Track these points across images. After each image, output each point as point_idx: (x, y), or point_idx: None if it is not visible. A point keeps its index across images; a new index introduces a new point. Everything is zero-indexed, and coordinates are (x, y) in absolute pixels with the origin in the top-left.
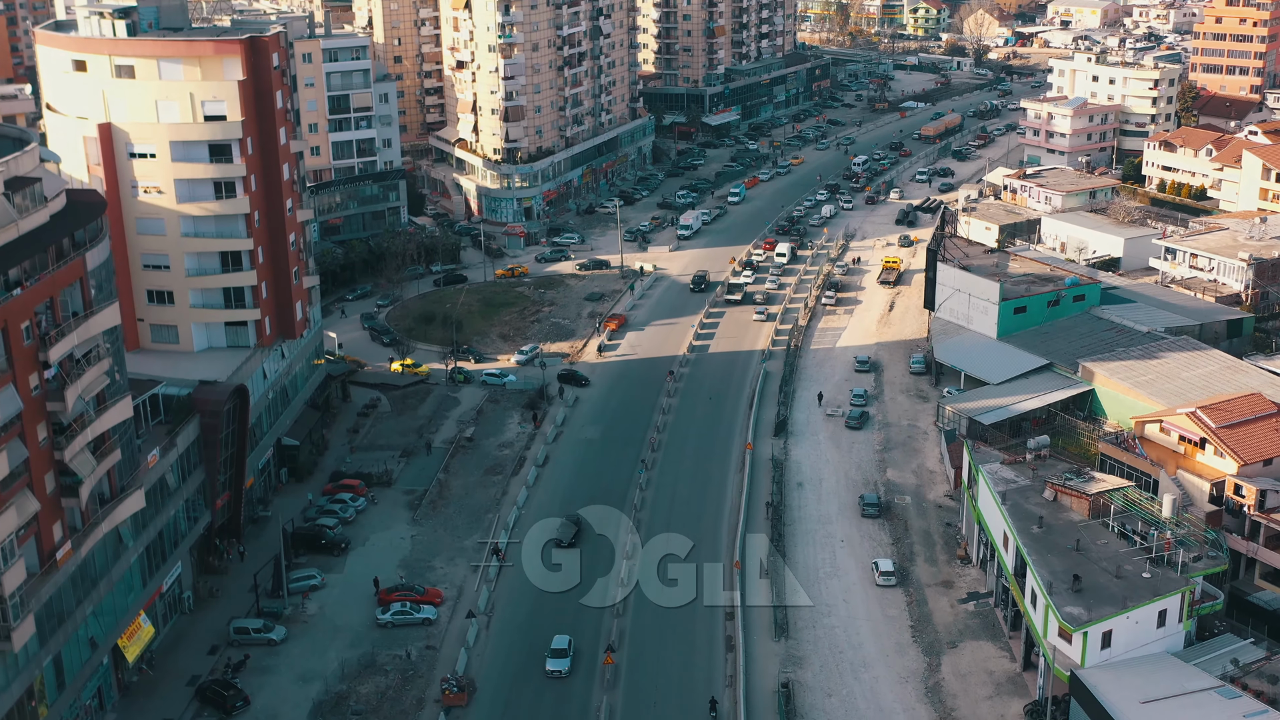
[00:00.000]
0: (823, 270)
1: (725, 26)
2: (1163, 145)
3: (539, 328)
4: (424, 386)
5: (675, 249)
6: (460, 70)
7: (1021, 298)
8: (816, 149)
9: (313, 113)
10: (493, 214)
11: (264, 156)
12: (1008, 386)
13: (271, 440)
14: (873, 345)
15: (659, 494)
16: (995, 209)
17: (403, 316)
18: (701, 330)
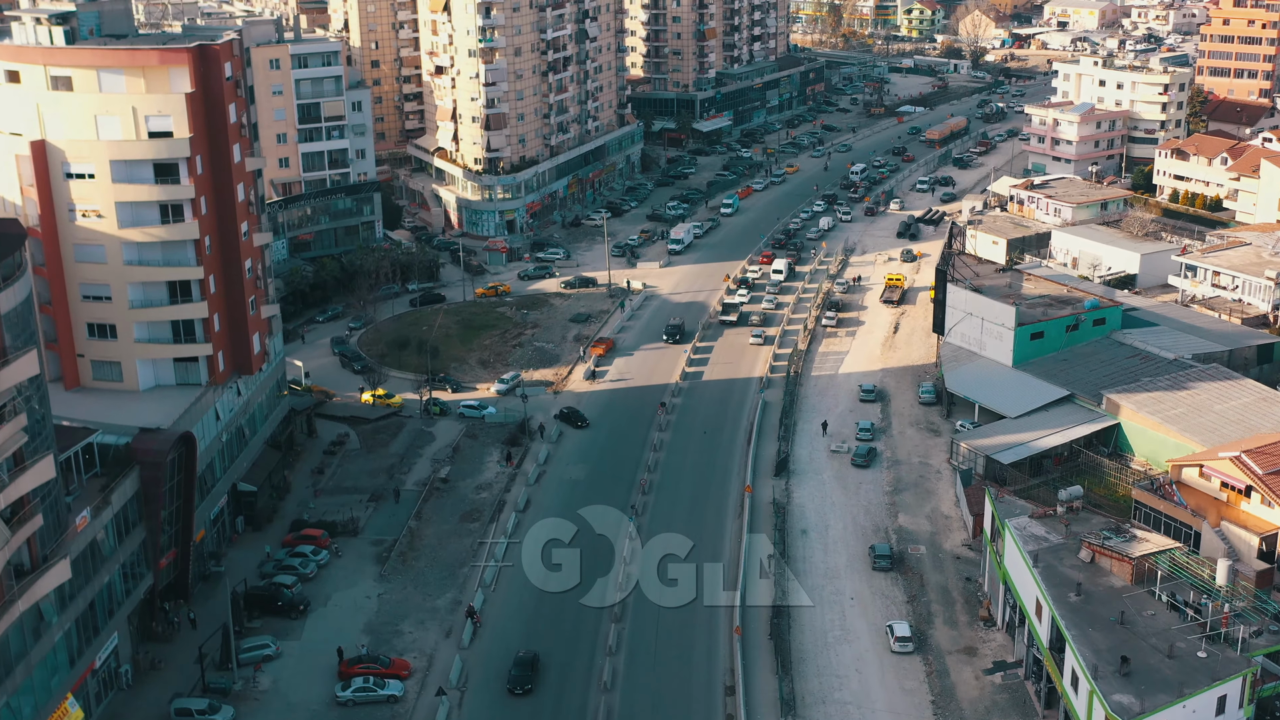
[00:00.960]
0: (822, 288)
1: (716, 29)
2: (1175, 153)
3: (521, 353)
4: (397, 419)
5: (666, 265)
6: (439, 76)
7: (1038, 322)
8: (812, 156)
9: (281, 122)
10: (474, 227)
11: (215, 176)
12: (1026, 420)
13: (226, 486)
14: (878, 372)
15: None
16: (1002, 221)
17: (375, 340)
18: (694, 355)
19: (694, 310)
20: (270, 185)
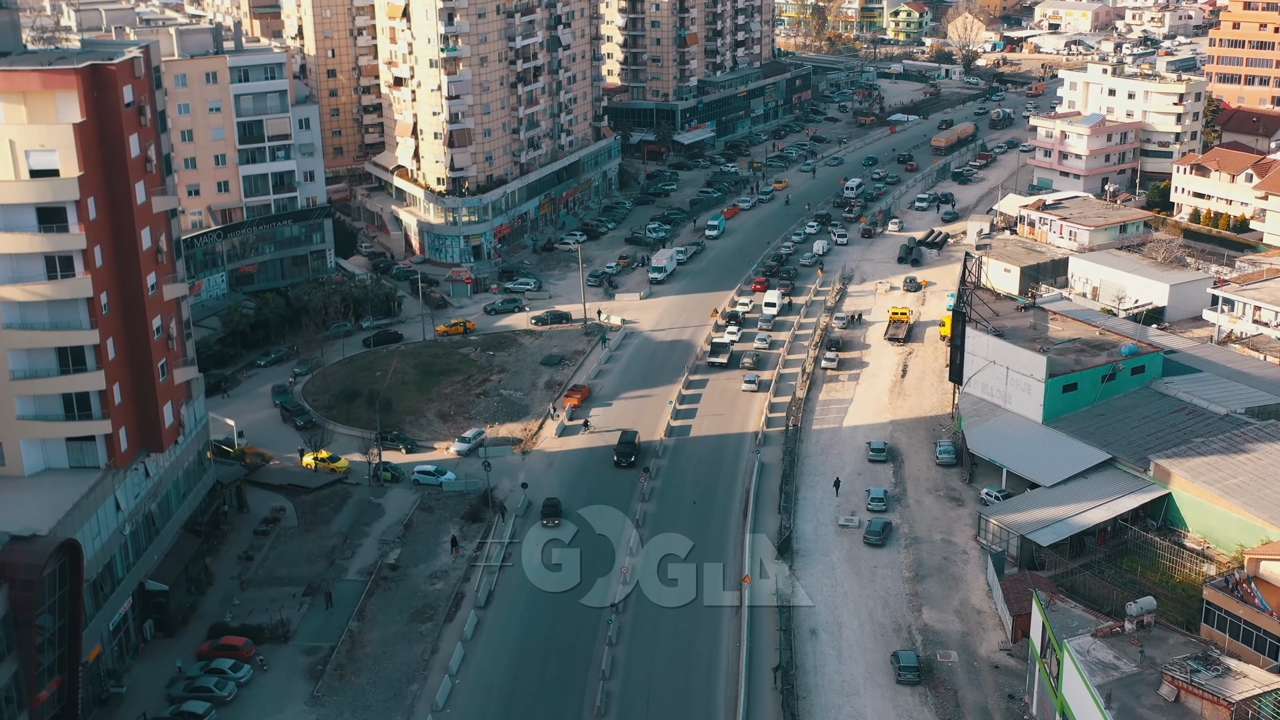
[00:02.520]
0: (819, 323)
1: (698, 34)
2: (1194, 169)
3: (485, 403)
4: (342, 488)
5: (647, 296)
6: (398, 88)
7: (1072, 373)
8: (801, 170)
9: (220, 142)
10: (436, 253)
11: (114, 220)
12: (1063, 490)
13: (131, 586)
14: (886, 425)
15: (634, 653)
16: (1013, 247)
17: (323, 389)
18: (681, 406)
19: (679, 350)
20: (208, 212)
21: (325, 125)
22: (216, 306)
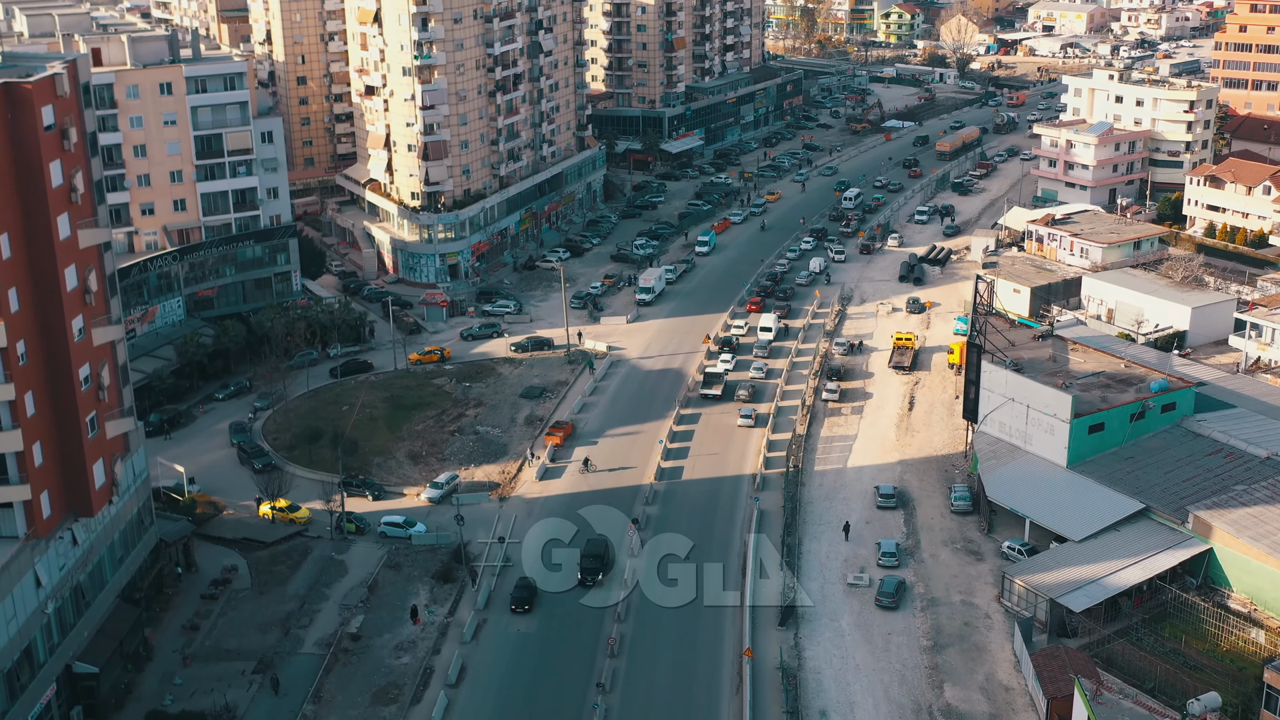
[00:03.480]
0: (819, 349)
1: (685, 38)
2: (1209, 180)
3: (460, 442)
4: (302, 541)
5: (634, 319)
6: (370, 97)
7: (1098, 412)
8: (794, 180)
9: (176, 158)
10: (411, 273)
11: (31, 259)
12: (1094, 545)
13: (56, 670)
14: (894, 465)
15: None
16: (1022, 265)
17: (285, 426)
18: (672, 444)
19: (669, 380)
20: (164, 233)
21: (295, 135)
22: (172, 334)
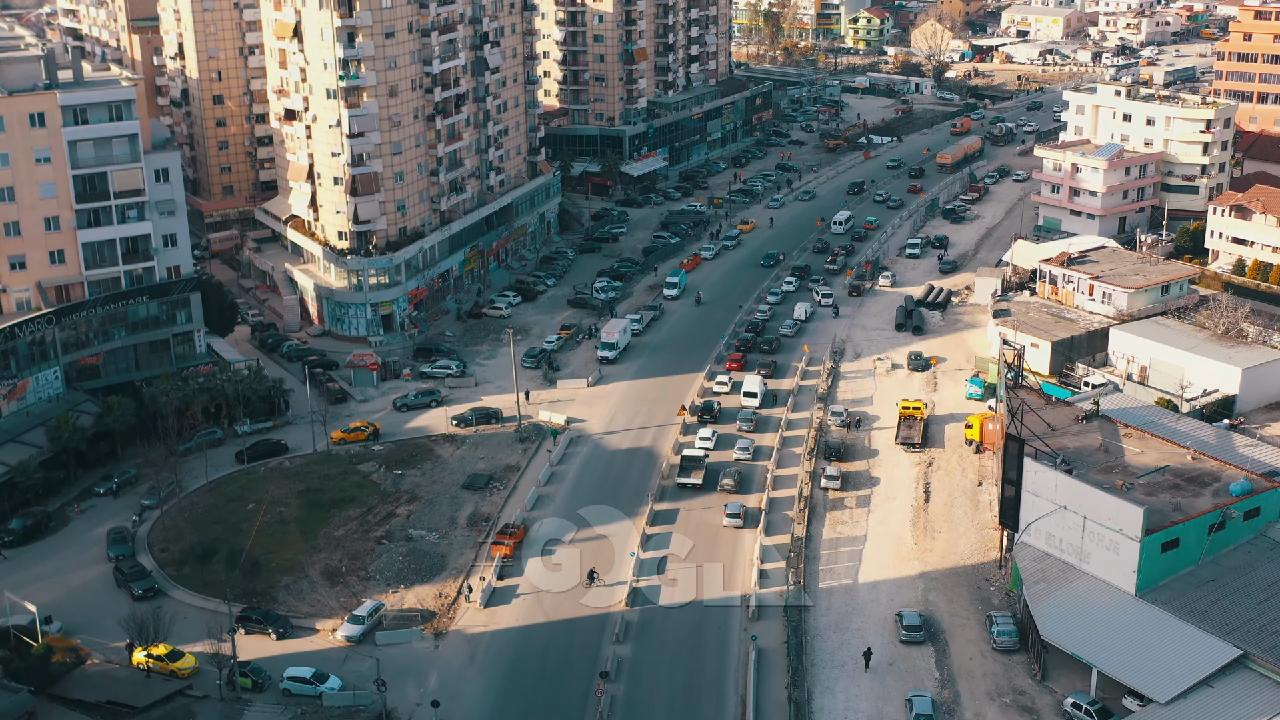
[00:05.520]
0: (812, 420)
1: (647, 49)
2: (1234, 211)
3: (389, 554)
4: (183, 704)
5: (596, 381)
6: (290, 123)
7: (1172, 526)
8: (768, 206)
9: (51, 201)
10: (337, 324)
11: None
12: (1185, 708)
13: None
14: (915, 579)
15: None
16: (1037, 313)
17: (176, 534)
18: (646, 553)
19: (640, 463)
20: (37, 290)
21: (212, 161)
22: (46, 413)
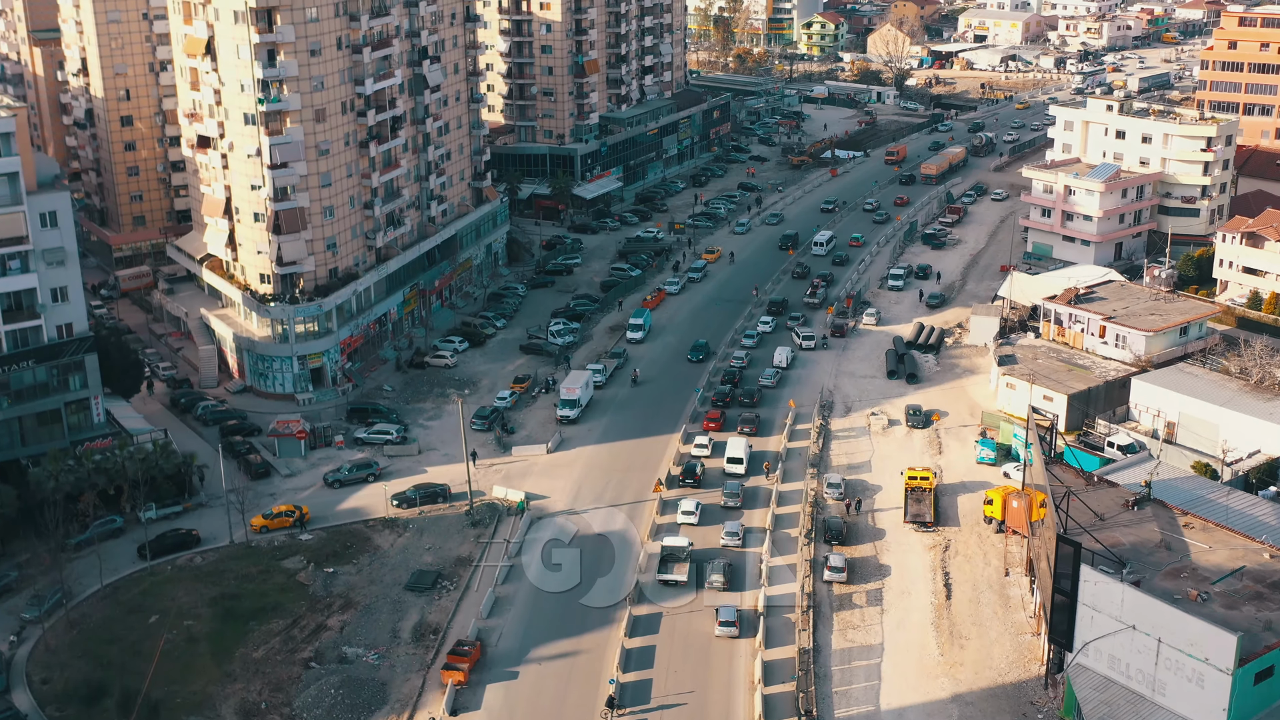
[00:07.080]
0: (806, 495)
1: (598, 60)
2: (1245, 238)
3: (317, 683)
4: None
5: (557, 446)
6: (205, 151)
7: (1264, 654)
8: (734, 231)
9: None
10: (261, 379)
11: None
12: None
13: None
14: (948, 703)
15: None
16: (1046, 359)
17: (60, 661)
18: (626, 675)
19: (611, 552)
20: None
21: (121, 188)
22: None
